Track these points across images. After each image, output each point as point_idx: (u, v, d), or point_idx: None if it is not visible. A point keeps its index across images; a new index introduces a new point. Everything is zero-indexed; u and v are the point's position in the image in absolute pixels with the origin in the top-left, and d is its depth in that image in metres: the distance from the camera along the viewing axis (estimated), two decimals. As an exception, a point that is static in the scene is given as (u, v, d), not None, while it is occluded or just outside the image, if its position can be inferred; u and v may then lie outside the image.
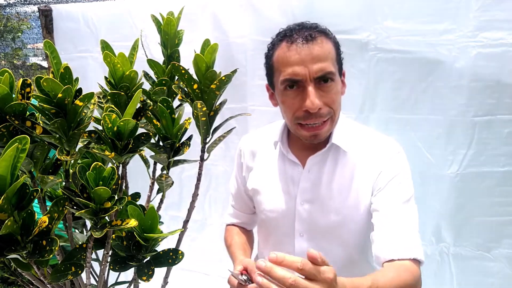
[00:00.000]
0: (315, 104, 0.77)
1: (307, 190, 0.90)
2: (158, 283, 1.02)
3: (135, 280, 1.00)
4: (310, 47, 0.77)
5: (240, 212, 1.10)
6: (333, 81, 0.80)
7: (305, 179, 0.90)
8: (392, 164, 0.87)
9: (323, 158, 0.90)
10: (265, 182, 0.96)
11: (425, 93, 1.50)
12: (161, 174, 0.95)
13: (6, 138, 0.75)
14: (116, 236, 0.89)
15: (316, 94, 0.77)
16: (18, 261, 0.77)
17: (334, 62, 0.80)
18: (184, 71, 0.90)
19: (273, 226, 0.96)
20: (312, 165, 0.90)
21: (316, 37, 0.78)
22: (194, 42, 1.09)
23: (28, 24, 4.87)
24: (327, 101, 0.79)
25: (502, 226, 1.52)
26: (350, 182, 0.87)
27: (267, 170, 0.96)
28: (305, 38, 0.78)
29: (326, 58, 0.78)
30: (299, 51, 0.77)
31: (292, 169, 0.92)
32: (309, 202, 0.90)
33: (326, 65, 0.77)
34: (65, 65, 0.76)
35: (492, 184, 1.49)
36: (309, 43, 0.77)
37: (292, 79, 0.79)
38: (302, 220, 0.91)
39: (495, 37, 1.38)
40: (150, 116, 0.94)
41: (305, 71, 0.77)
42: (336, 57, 0.82)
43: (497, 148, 1.46)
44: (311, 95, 0.77)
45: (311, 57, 0.76)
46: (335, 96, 0.81)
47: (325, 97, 0.79)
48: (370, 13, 1.50)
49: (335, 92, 0.81)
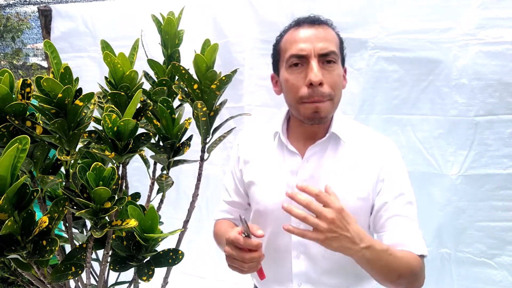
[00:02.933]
0: (318, 77, 0.81)
1: (305, 180, 0.90)
2: (158, 283, 1.02)
3: (135, 280, 1.00)
4: (316, 28, 0.85)
5: (233, 208, 1.09)
6: (336, 63, 0.85)
7: (304, 169, 0.91)
8: (393, 162, 0.89)
9: (322, 148, 0.91)
10: (263, 173, 0.96)
11: (425, 93, 1.49)
12: (161, 174, 0.95)
13: (6, 138, 0.75)
14: (116, 236, 0.89)
15: (320, 70, 0.83)
16: (18, 261, 0.77)
17: (337, 47, 0.86)
18: (184, 71, 0.90)
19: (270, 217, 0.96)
20: (311, 155, 0.91)
21: (321, 23, 0.87)
22: (194, 42, 1.09)
23: (28, 24, 4.87)
24: (329, 81, 0.84)
25: (505, 232, 1.48)
26: (348, 173, 0.88)
27: (264, 161, 0.97)
28: (312, 22, 0.86)
29: (331, 40, 0.85)
30: (306, 31, 0.85)
31: (290, 160, 0.93)
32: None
33: (331, 45, 0.83)
34: (65, 65, 0.76)
35: (495, 187, 1.46)
36: (315, 26, 0.85)
37: (298, 55, 0.84)
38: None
39: (496, 35, 1.37)
40: (150, 116, 0.94)
41: (311, 47, 0.83)
42: (340, 46, 0.88)
43: (499, 150, 1.44)
44: (314, 68, 0.82)
45: (316, 36, 0.83)
46: (337, 78, 0.85)
47: (328, 77, 0.83)
48: (370, 12, 1.49)
49: (337, 74, 0.85)
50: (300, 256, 0.92)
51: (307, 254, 0.92)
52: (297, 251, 0.92)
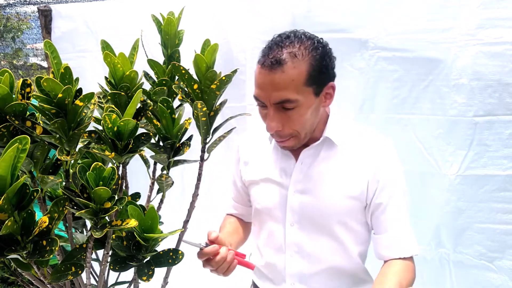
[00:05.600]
0: (270, 127, 0.84)
1: (299, 181, 0.93)
2: (158, 283, 1.02)
3: (135, 280, 1.00)
4: (272, 74, 0.80)
5: (237, 204, 1.15)
6: (296, 107, 0.82)
7: (298, 170, 0.93)
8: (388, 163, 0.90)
9: (316, 151, 0.93)
10: (260, 174, 0.99)
11: (425, 92, 1.49)
12: (161, 174, 0.95)
13: (6, 138, 0.75)
14: (116, 236, 0.89)
15: (276, 117, 0.83)
16: (18, 261, 0.77)
17: (299, 87, 0.81)
18: (185, 71, 0.90)
19: (266, 216, 0.99)
20: (305, 158, 0.93)
21: (282, 63, 0.79)
22: (194, 42, 1.09)
23: (28, 24, 4.87)
24: (289, 124, 0.84)
25: (506, 236, 1.46)
26: (341, 175, 0.90)
27: (262, 162, 1.00)
28: (270, 64, 0.80)
29: (287, 86, 0.79)
30: (263, 76, 0.82)
31: (285, 162, 0.96)
32: (301, 193, 0.93)
33: (285, 94, 0.80)
34: (65, 65, 0.76)
35: (494, 189, 1.45)
36: (273, 70, 0.79)
37: (257, 98, 0.86)
38: (294, 211, 0.93)
39: (496, 35, 1.37)
40: (150, 116, 0.94)
41: (266, 96, 0.82)
42: (308, 79, 0.81)
43: (499, 150, 1.43)
44: (268, 118, 0.83)
45: (271, 85, 0.80)
46: (298, 119, 0.84)
47: (287, 121, 0.84)
48: (370, 12, 1.49)
49: (298, 116, 0.83)
50: (294, 256, 0.95)
51: (301, 254, 0.94)
52: (291, 250, 0.94)
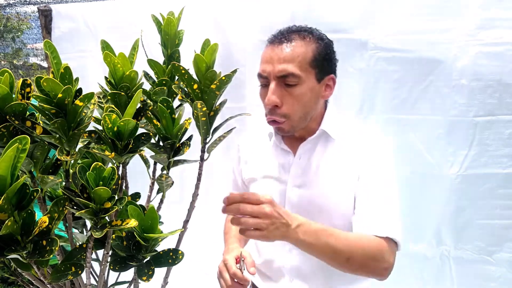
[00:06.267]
0: (270, 100, 0.84)
1: (297, 176, 0.94)
2: (158, 283, 1.02)
3: (135, 280, 1.00)
4: (281, 47, 0.83)
5: None
6: (298, 84, 0.83)
7: (296, 165, 0.94)
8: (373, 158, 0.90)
9: (313, 145, 0.94)
10: (260, 171, 1.01)
11: (425, 93, 1.49)
12: (161, 174, 0.95)
13: (6, 138, 0.75)
14: (116, 236, 0.89)
15: (277, 91, 0.84)
16: (18, 261, 0.77)
17: (304, 65, 0.83)
18: (184, 71, 0.90)
19: None
20: (303, 152, 0.94)
21: (291, 39, 0.83)
22: (194, 42, 1.09)
23: (28, 24, 4.87)
24: (288, 102, 0.84)
25: (504, 230, 1.50)
26: (337, 168, 0.91)
27: (261, 160, 1.01)
28: (280, 39, 0.84)
29: (293, 60, 0.82)
30: (271, 50, 0.85)
31: (284, 158, 0.97)
32: (299, 187, 0.94)
33: (290, 67, 0.82)
34: (65, 65, 0.76)
35: (494, 186, 1.47)
36: (282, 44, 0.83)
37: (260, 75, 0.87)
38: (292, 205, 0.94)
39: (496, 35, 1.37)
40: (150, 116, 0.94)
41: (271, 69, 0.83)
42: (313, 60, 0.84)
43: (499, 150, 1.45)
44: (270, 91, 0.84)
45: (278, 57, 0.83)
46: (297, 98, 0.84)
47: (287, 98, 0.84)
48: (369, 12, 1.49)
49: (299, 95, 0.84)
50: (292, 251, 0.95)
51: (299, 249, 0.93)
52: (290, 245, 0.94)
